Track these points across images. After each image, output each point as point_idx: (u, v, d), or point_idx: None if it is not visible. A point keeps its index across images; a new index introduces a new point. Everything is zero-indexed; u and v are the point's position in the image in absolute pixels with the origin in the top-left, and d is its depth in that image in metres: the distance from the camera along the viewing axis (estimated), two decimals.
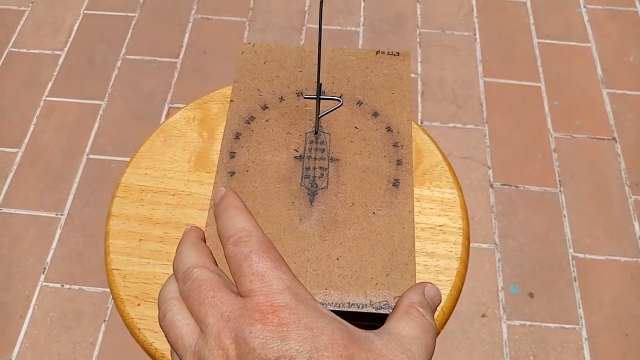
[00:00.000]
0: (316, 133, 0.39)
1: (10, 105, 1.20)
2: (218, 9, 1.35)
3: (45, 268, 1.00)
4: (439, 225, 0.43)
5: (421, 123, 1.17)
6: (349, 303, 0.31)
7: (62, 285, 0.98)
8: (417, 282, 0.33)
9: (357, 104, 0.41)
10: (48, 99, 1.20)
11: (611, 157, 1.15)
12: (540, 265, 1.03)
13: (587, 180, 1.12)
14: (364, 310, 0.30)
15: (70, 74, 1.24)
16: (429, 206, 0.44)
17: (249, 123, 0.40)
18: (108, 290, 1.00)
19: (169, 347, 0.36)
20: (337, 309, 0.31)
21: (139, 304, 0.38)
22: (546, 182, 1.11)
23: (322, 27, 0.42)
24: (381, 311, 0.30)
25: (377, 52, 0.44)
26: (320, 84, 0.39)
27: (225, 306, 0.26)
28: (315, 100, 0.39)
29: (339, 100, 0.38)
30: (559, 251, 1.04)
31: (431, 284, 0.31)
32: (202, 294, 0.26)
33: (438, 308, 0.39)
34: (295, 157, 0.38)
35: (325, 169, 0.37)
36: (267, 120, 0.40)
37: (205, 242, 0.32)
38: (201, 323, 0.26)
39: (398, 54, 0.44)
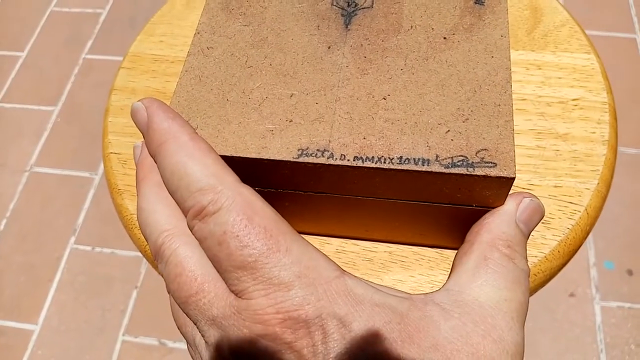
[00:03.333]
0: None
1: (49, 64, 1.13)
2: None
3: (76, 230, 0.92)
4: (573, 99, 0.30)
5: None
6: (401, 158, 0.19)
7: (93, 248, 0.90)
8: (513, 132, 0.21)
9: None
10: (87, 57, 1.13)
11: None
12: (639, 239, 0.86)
13: None
14: (427, 168, 0.19)
15: (111, 32, 1.17)
16: (556, 75, 0.31)
17: None
18: (141, 254, 0.91)
19: None
20: (382, 167, 0.19)
21: None
22: None
23: None
24: (454, 170, 0.19)
25: None
26: None
27: (214, 309, 0.17)
28: None
29: None
30: None
31: (530, 195, 0.20)
32: (182, 291, 0.18)
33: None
34: None
35: None
36: None
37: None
38: (196, 324, 0.18)
39: None
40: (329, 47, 0.23)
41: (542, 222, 0.25)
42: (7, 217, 0.95)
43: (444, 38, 0.23)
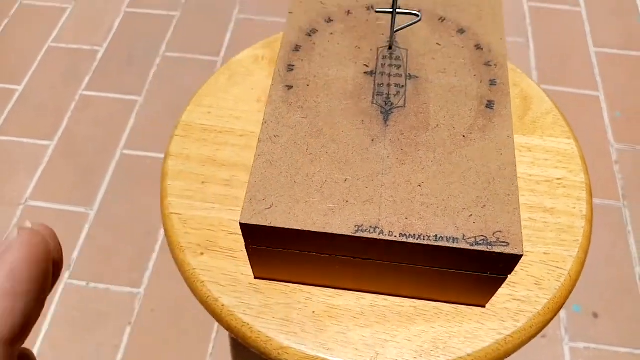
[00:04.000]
0: (390, 48, 0.34)
1: (45, 99, 1.17)
2: (260, 9, 1.32)
3: (70, 265, 0.94)
4: (557, 179, 0.36)
5: None
6: (436, 236, 0.25)
7: (88, 284, 0.92)
8: (521, 218, 0.26)
9: (439, 20, 0.35)
10: (84, 93, 1.17)
11: None
12: (604, 284, 0.94)
13: None
14: (456, 245, 0.24)
15: (108, 69, 1.21)
16: (544, 157, 0.37)
17: (310, 36, 0.34)
18: (135, 290, 0.93)
19: (237, 306, 0.30)
20: (422, 242, 0.25)
21: (202, 253, 0.32)
22: (608, 195, 1.03)
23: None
24: (477, 248, 0.24)
25: None
26: None
27: None
28: (388, 14, 0.34)
29: (417, 15, 0.33)
30: (624, 269, 0.95)
31: None
32: None
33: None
34: (365, 72, 0.32)
35: (402, 86, 0.31)
36: (331, 34, 0.35)
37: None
38: None
39: None
40: (373, 140, 0.28)
41: (536, 284, 0.31)
42: None
43: (463, 136, 0.28)
